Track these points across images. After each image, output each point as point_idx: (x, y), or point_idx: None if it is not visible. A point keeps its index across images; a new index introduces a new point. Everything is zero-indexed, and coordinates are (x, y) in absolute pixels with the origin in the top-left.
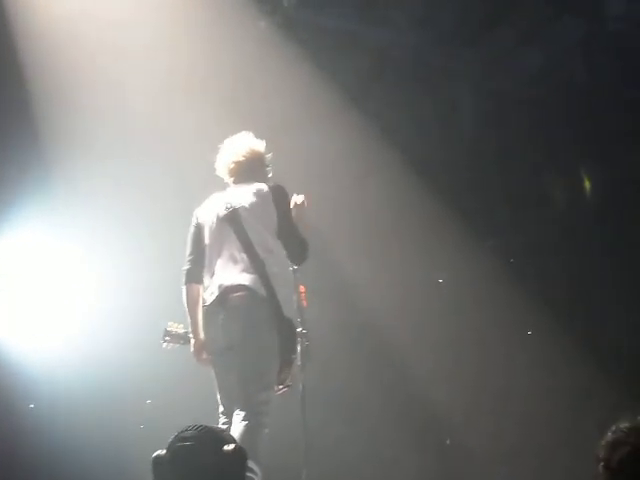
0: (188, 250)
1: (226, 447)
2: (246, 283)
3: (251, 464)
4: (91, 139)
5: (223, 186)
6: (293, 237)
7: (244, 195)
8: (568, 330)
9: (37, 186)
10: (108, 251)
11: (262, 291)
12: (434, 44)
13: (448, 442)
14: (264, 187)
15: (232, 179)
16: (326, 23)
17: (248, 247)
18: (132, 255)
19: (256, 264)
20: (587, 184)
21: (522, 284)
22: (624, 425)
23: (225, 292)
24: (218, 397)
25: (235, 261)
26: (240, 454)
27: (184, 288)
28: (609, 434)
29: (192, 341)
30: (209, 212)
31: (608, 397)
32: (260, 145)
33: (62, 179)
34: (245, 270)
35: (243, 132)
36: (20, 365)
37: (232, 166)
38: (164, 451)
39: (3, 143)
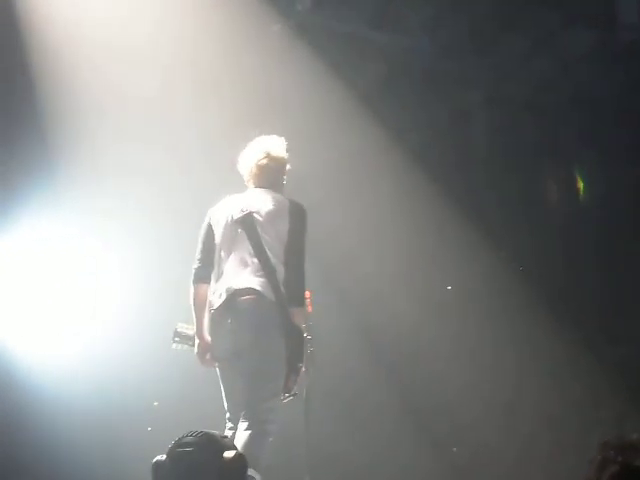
0: (198, 249)
1: (226, 453)
2: (256, 287)
3: (251, 472)
4: (99, 136)
5: (238, 187)
6: (297, 263)
7: (262, 201)
8: (574, 337)
9: (43, 186)
10: (116, 251)
11: (272, 296)
12: (447, 50)
13: (455, 450)
14: (283, 199)
15: (253, 181)
16: (339, 28)
17: (260, 252)
18: (140, 255)
19: (267, 269)
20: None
21: (533, 290)
22: (613, 443)
23: (234, 295)
24: (225, 403)
25: (245, 264)
26: (240, 461)
27: (192, 288)
28: (597, 452)
29: (197, 342)
30: (223, 213)
31: (615, 408)
32: (285, 153)
33: (69, 178)
34: (255, 274)
35: (274, 136)
36: (22, 368)
37: (256, 168)
38: (164, 456)
39: (10, 145)
